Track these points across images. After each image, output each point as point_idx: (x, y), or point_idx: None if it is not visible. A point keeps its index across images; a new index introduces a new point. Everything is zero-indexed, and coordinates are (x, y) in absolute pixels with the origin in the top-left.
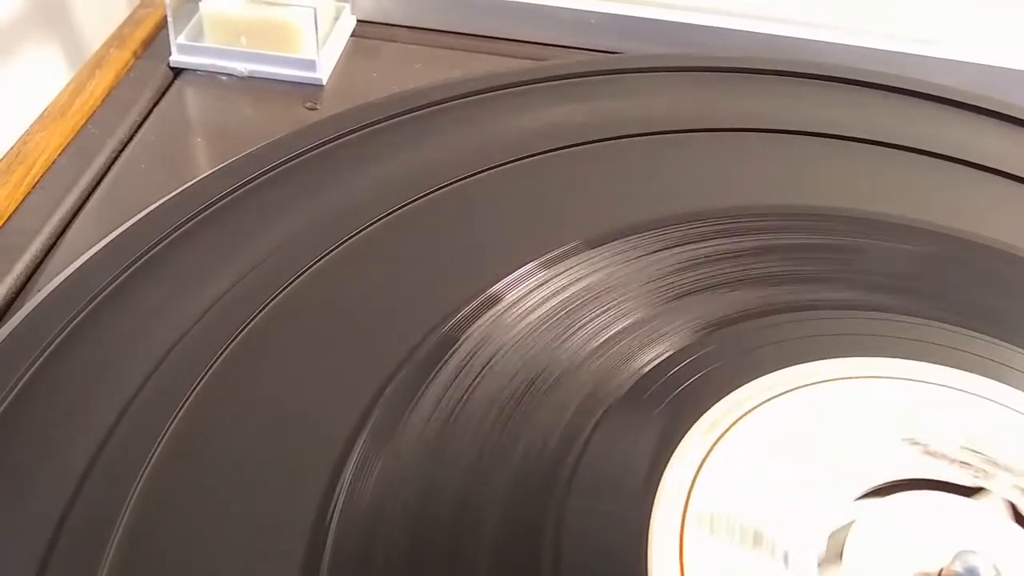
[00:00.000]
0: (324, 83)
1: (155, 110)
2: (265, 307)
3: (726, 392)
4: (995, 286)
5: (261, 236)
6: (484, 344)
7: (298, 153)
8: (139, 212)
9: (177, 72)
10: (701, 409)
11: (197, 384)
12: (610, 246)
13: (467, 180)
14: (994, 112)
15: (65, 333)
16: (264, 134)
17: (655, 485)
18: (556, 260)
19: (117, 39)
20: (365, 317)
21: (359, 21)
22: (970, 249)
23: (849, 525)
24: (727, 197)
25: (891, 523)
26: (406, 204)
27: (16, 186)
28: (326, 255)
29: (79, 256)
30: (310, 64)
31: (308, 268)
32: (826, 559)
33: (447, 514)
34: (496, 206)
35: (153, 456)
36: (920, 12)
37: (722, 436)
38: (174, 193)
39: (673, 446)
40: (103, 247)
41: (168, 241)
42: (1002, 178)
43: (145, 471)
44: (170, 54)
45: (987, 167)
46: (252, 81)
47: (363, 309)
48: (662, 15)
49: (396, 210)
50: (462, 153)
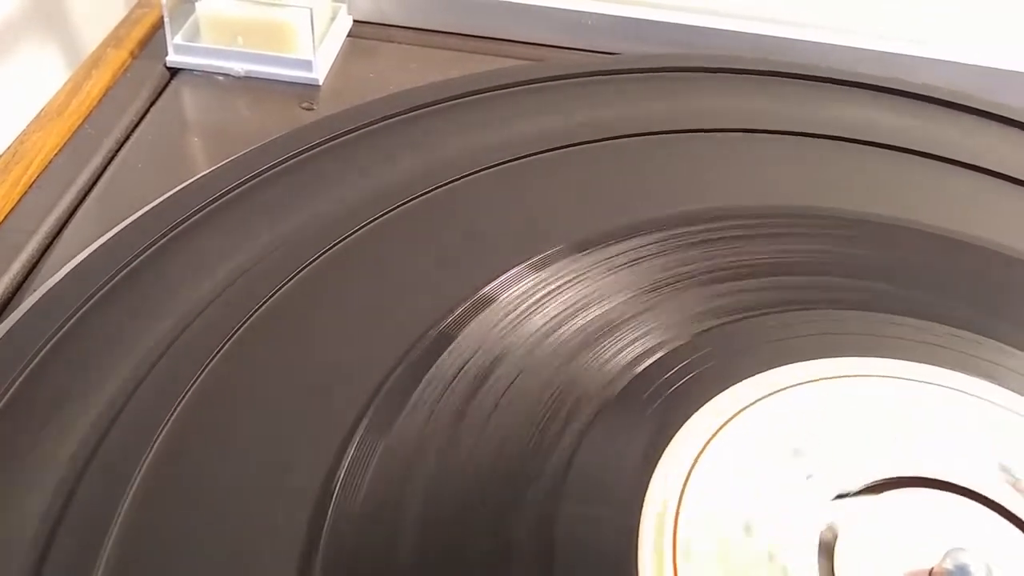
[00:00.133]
0: (320, 83)
1: (151, 110)
2: (260, 307)
3: (718, 392)
4: (984, 286)
5: (257, 236)
6: (475, 346)
7: (294, 153)
8: (136, 211)
9: (173, 72)
10: (694, 409)
11: (193, 382)
12: (601, 248)
13: (461, 181)
14: (984, 112)
15: (62, 332)
16: (260, 134)
17: (647, 486)
18: (547, 261)
19: (114, 39)
20: (358, 318)
21: (355, 21)
22: (960, 249)
23: (840, 524)
24: (718, 198)
25: (882, 521)
26: (401, 205)
27: (13, 185)
28: (320, 256)
29: (76, 255)
30: (306, 64)
31: (302, 269)
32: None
33: (440, 515)
34: (489, 207)
35: (149, 453)
36: (908, 12)
37: (715, 435)
38: (170, 193)
39: (666, 447)
40: (100, 246)
41: (164, 241)
42: (992, 177)
43: (141, 468)
44: (166, 54)
45: (977, 166)
46: (248, 81)
47: (356, 310)
48: (656, 16)
49: (391, 211)
50: (457, 154)
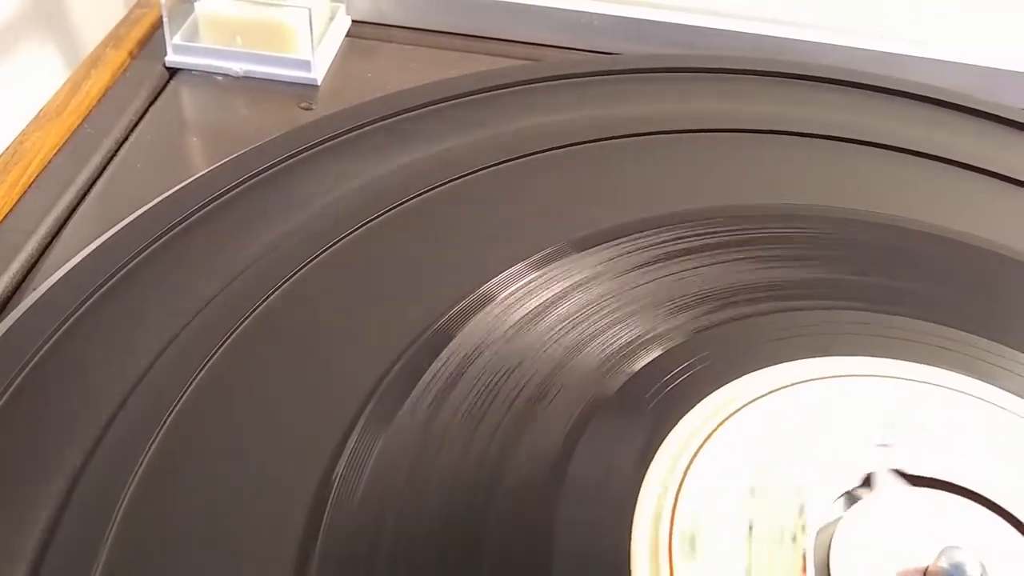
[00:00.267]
0: (319, 83)
1: (151, 110)
2: (259, 305)
3: (716, 391)
4: (984, 286)
5: (256, 235)
6: (474, 344)
7: (293, 153)
8: (135, 211)
9: (173, 72)
10: (692, 408)
11: (192, 381)
12: (600, 247)
13: (460, 181)
14: (984, 112)
15: (61, 331)
16: (259, 134)
17: (644, 484)
18: (547, 260)
19: (113, 39)
20: (357, 316)
21: (354, 21)
22: (960, 249)
23: (836, 523)
24: (717, 197)
25: (877, 520)
26: (400, 203)
27: (12, 185)
28: (318, 255)
29: (75, 255)
30: (305, 64)
31: (301, 268)
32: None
33: (438, 512)
34: (488, 207)
35: (149, 451)
36: (909, 12)
37: (712, 434)
38: (169, 192)
39: (664, 445)
40: (99, 246)
41: (163, 240)
42: (990, 178)
43: (140, 466)
44: (166, 54)
45: (976, 167)
46: (247, 81)
47: (355, 308)
48: (656, 16)
49: (390, 209)
50: (456, 154)
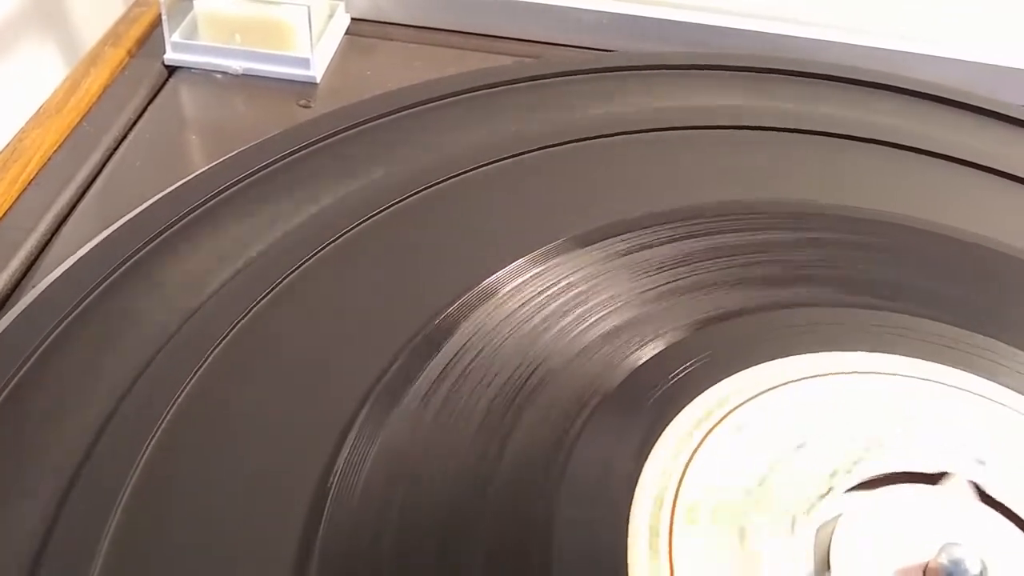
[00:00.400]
0: (318, 81)
1: (150, 108)
2: (258, 304)
3: (718, 387)
4: (985, 283)
5: (255, 233)
6: (474, 340)
7: (292, 151)
8: (134, 209)
9: (172, 70)
10: (691, 404)
11: (191, 379)
12: (601, 243)
13: (460, 178)
14: (984, 109)
15: (60, 329)
16: (258, 132)
17: (645, 480)
18: (548, 256)
19: (112, 37)
20: (357, 313)
21: (353, 19)
22: (961, 247)
23: (836, 519)
24: (717, 194)
25: (878, 516)
26: (399, 201)
27: (12, 183)
28: (318, 253)
29: (74, 253)
30: (304, 62)
31: (299, 266)
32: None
33: (438, 509)
34: (488, 203)
35: (147, 448)
36: (922, 11)
37: (713, 429)
38: (168, 190)
39: (665, 441)
40: (98, 243)
41: (163, 238)
42: (991, 175)
43: (138, 465)
44: (165, 52)
45: (977, 164)
46: (246, 79)
47: (355, 306)
48: (654, 13)
49: (389, 207)
50: (455, 152)
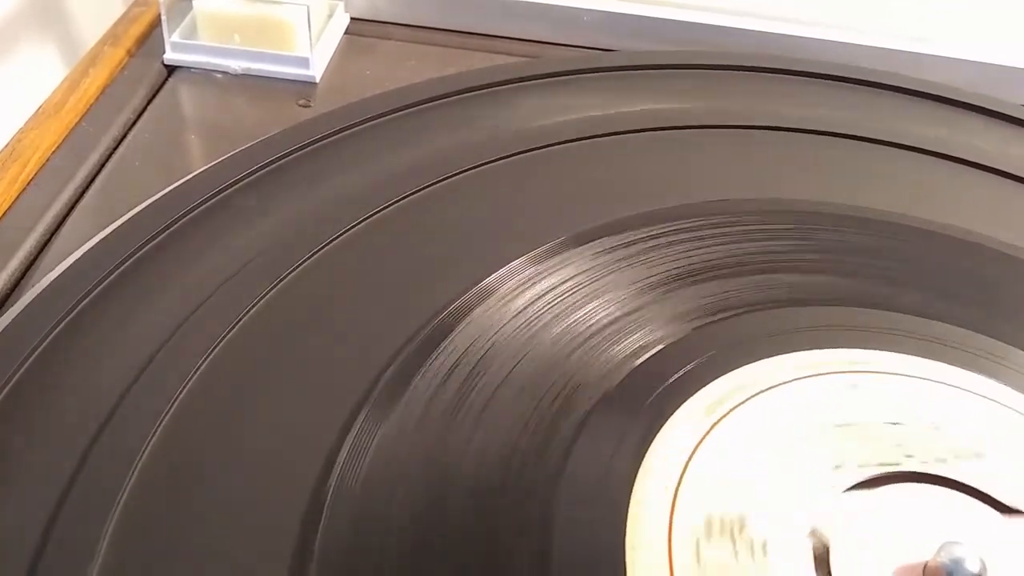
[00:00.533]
0: (318, 81)
1: (149, 108)
2: (258, 302)
3: (716, 386)
4: (985, 283)
5: (255, 232)
6: (474, 337)
7: (292, 150)
8: (133, 209)
9: (171, 70)
10: (689, 403)
11: (192, 377)
12: (600, 241)
13: (459, 176)
14: (988, 110)
15: (60, 328)
16: (258, 131)
17: (644, 478)
18: (547, 254)
19: (111, 37)
20: (357, 311)
21: (352, 19)
22: (962, 246)
23: (836, 517)
24: (717, 192)
25: (877, 515)
26: (399, 200)
27: (11, 183)
28: (319, 251)
29: (73, 253)
30: (304, 62)
31: (300, 264)
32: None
33: (438, 506)
34: (487, 202)
35: (149, 445)
36: (913, 9)
37: (712, 428)
38: (167, 190)
39: (664, 439)
40: (97, 244)
41: (161, 238)
42: (993, 174)
43: (141, 458)
44: (164, 52)
45: (979, 163)
46: (246, 79)
47: (355, 303)
48: (653, 12)
49: (389, 206)
50: (454, 150)
